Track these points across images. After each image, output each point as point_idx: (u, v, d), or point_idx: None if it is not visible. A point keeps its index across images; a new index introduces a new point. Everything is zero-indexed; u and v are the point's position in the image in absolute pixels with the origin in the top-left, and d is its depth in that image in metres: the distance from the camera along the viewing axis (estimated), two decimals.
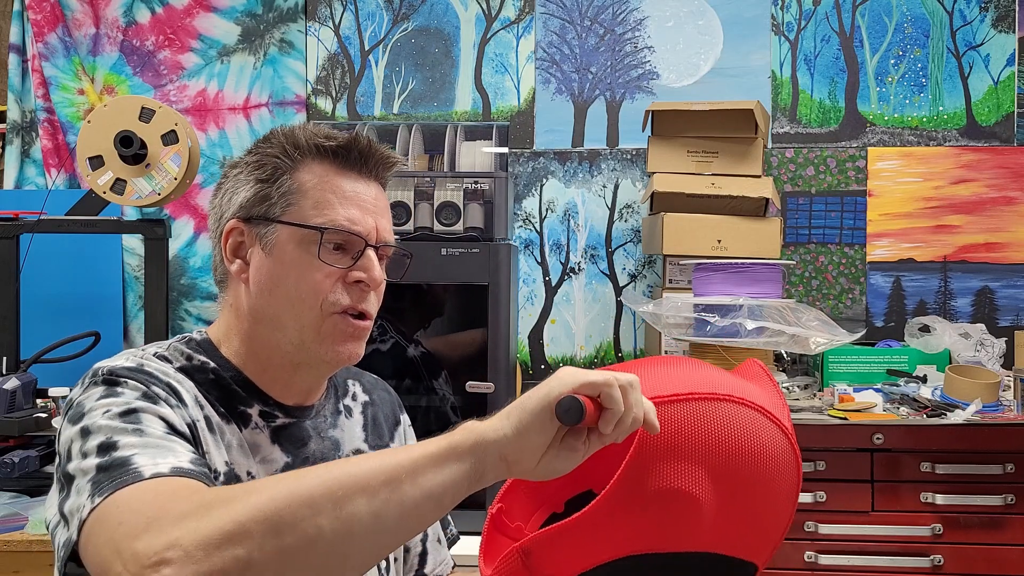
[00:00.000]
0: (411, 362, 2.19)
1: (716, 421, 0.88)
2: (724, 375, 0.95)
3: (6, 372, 2.29)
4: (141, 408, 0.94)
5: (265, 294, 1.07)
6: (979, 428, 2.13)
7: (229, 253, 1.09)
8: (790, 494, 0.93)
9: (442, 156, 2.35)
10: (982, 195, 2.76)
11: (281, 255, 1.06)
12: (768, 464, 0.90)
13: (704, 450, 0.87)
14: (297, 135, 1.09)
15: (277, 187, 1.07)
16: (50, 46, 2.88)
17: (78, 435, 0.92)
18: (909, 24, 2.80)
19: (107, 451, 0.88)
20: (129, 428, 0.90)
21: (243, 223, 1.08)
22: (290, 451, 1.11)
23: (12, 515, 1.95)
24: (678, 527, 0.87)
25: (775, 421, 0.91)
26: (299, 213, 1.06)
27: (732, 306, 2.18)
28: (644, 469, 0.86)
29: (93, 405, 0.94)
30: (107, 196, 2.28)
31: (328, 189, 1.07)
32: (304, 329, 1.06)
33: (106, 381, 0.97)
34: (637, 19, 2.86)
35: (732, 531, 0.90)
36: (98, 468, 0.87)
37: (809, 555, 2.13)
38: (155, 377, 0.99)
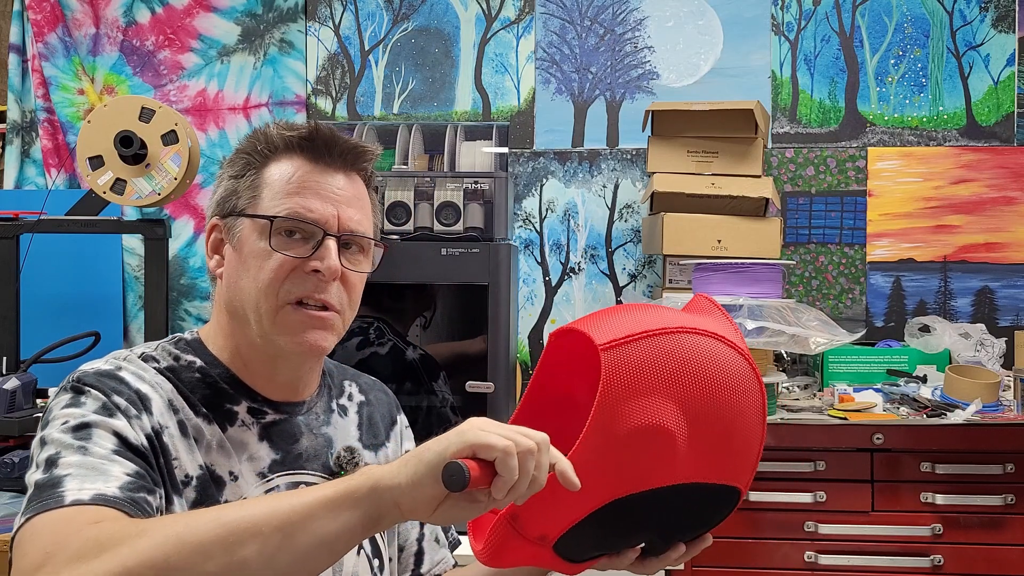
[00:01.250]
0: (410, 363, 2.19)
1: (673, 353, 0.89)
2: (674, 311, 0.96)
3: (6, 372, 2.29)
4: (95, 423, 0.95)
5: (232, 287, 1.09)
6: (979, 428, 2.13)
7: (210, 250, 1.11)
8: (757, 413, 0.94)
9: (442, 156, 2.35)
10: (982, 195, 2.76)
11: (242, 247, 1.08)
12: (731, 386, 0.91)
13: (667, 382, 0.88)
14: (269, 131, 1.10)
15: (243, 181, 1.09)
16: (50, 46, 2.88)
17: (38, 444, 0.95)
18: (909, 24, 2.80)
19: (49, 467, 0.91)
20: (75, 445, 0.92)
21: (220, 220, 1.11)
22: (280, 448, 1.11)
23: (12, 515, 1.95)
24: (655, 462, 0.88)
25: (730, 345, 0.93)
26: (260, 205, 1.07)
27: (732, 306, 2.18)
28: (612, 412, 0.86)
29: (56, 414, 0.97)
30: (107, 196, 2.28)
31: (291, 180, 1.07)
32: (263, 320, 1.06)
33: (73, 388, 0.99)
34: (637, 19, 2.86)
35: (708, 458, 0.91)
36: (36, 485, 0.90)
37: (809, 555, 2.13)
38: (124, 383, 1.00)
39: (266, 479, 1.08)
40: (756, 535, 2.13)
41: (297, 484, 1.10)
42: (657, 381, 0.88)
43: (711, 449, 0.90)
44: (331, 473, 1.14)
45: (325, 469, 1.14)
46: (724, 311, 0.99)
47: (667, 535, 0.96)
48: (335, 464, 1.15)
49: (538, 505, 0.87)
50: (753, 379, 0.94)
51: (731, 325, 0.97)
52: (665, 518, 0.93)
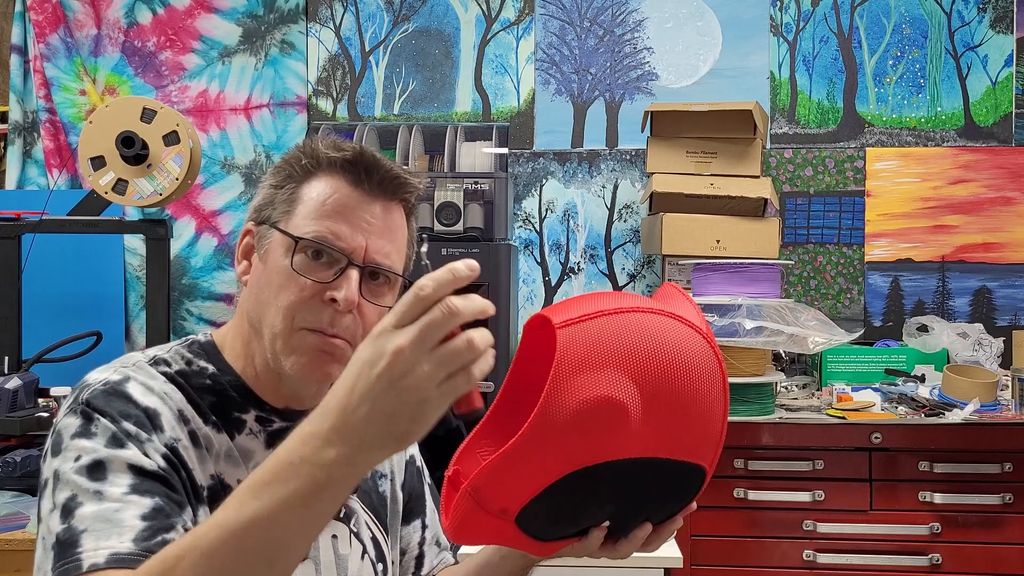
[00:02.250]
0: None
1: (626, 329, 0.91)
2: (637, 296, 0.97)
3: (8, 372, 2.30)
4: (108, 459, 0.94)
5: (253, 297, 1.06)
6: (977, 427, 2.14)
7: (240, 254, 1.09)
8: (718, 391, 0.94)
9: (442, 157, 2.36)
10: (980, 195, 2.77)
11: (267, 259, 1.05)
12: (688, 363, 0.92)
13: (618, 356, 0.89)
14: (316, 146, 1.06)
15: (281, 193, 1.06)
16: (52, 47, 2.89)
17: (52, 477, 0.95)
18: (907, 25, 2.81)
19: (67, 516, 0.91)
20: (91, 490, 0.92)
21: (254, 226, 1.08)
22: None
23: (14, 514, 1.96)
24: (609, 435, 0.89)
25: (688, 323, 0.94)
26: (292, 221, 1.04)
27: (731, 306, 2.18)
28: (564, 386, 0.88)
29: (68, 444, 0.96)
30: (109, 196, 2.29)
31: (327, 202, 1.03)
32: (275, 338, 1.03)
33: (83, 414, 0.98)
34: (636, 20, 2.87)
35: (665, 433, 0.91)
36: (58, 538, 0.90)
37: (808, 554, 2.14)
38: (131, 401, 1.00)
39: None
40: (755, 534, 2.14)
41: None
42: (610, 355, 0.89)
43: (668, 424, 0.91)
44: None
45: None
46: (689, 298, 1.01)
47: (630, 512, 0.97)
48: None
49: (497, 478, 0.89)
50: (712, 357, 0.94)
51: (693, 308, 0.98)
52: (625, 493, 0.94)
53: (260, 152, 2.91)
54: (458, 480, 0.99)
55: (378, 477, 1.21)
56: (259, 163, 2.91)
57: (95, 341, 2.36)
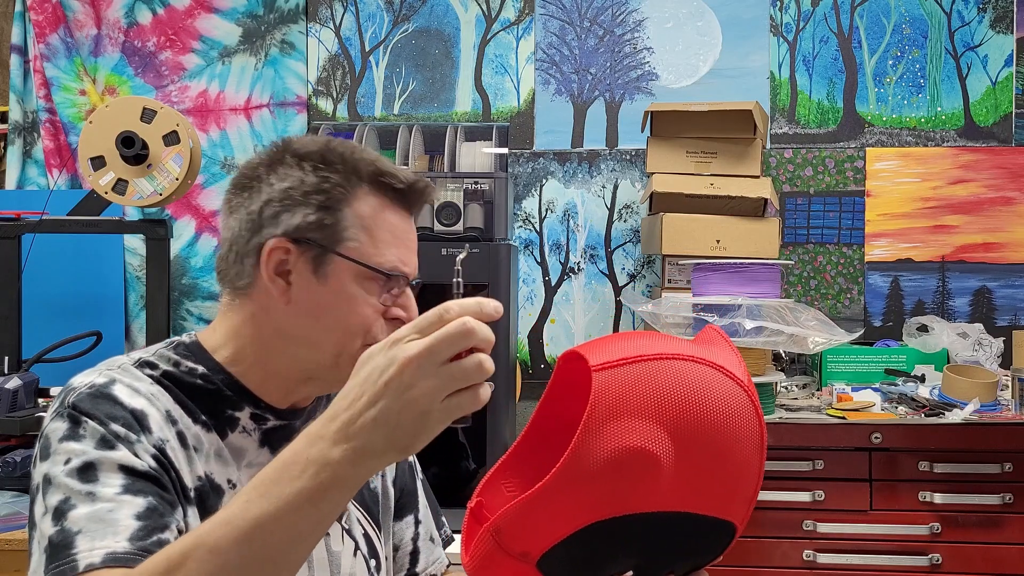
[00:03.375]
0: None
1: (667, 377, 0.88)
2: (677, 340, 0.94)
3: (8, 372, 2.30)
4: (98, 461, 0.95)
5: (309, 318, 1.06)
6: (977, 427, 2.14)
7: (270, 270, 1.06)
8: (755, 446, 0.91)
9: (442, 157, 2.36)
10: (980, 195, 2.77)
11: (337, 287, 1.05)
12: (724, 415, 0.89)
13: (656, 405, 0.87)
14: (359, 164, 1.07)
15: (339, 219, 1.05)
16: (52, 47, 2.89)
17: (43, 481, 0.96)
18: (907, 25, 2.81)
19: (59, 519, 0.92)
20: (83, 492, 0.93)
21: (292, 244, 1.05)
22: None
23: (14, 514, 1.96)
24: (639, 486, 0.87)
25: (730, 375, 0.91)
26: (360, 250, 1.05)
27: (731, 306, 2.18)
28: (597, 432, 0.85)
29: (56, 448, 0.97)
30: (109, 196, 2.29)
31: (384, 227, 1.07)
32: (342, 356, 1.05)
33: (70, 417, 0.98)
34: (636, 20, 2.87)
35: (696, 487, 0.89)
36: (50, 541, 0.91)
37: (808, 554, 2.14)
38: (118, 403, 1.00)
39: None
40: (755, 534, 2.14)
41: None
42: (645, 404, 0.86)
43: (700, 479, 0.88)
44: None
45: None
46: (731, 343, 0.97)
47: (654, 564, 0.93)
48: None
49: (521, 520, 0.87)
50: (751, 412, 0.91)
51: (736, 357, 0.94)
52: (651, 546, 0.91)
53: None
54: (480, 513, 0.98)
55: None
56: None
57: (95, 341, 2.36)
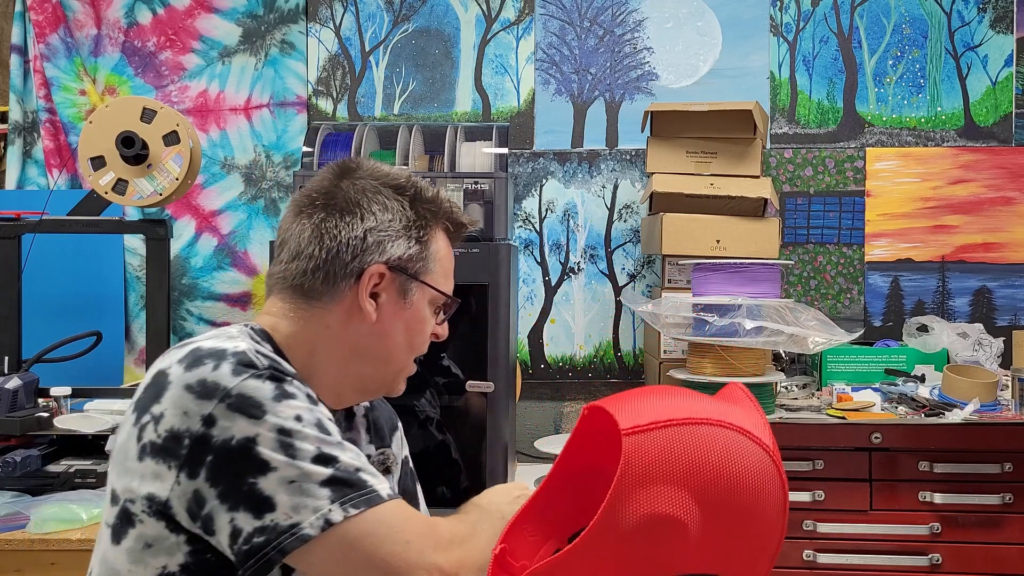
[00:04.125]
0: None
1: (695, 444, 0.90)
2: (705, 400, 0.97)
3: (8, 371, 2.30)
4: (321, 416, 1.04)
5: (388, 337, 1.19)
6: (977, 427, 2.14)
7: (368, 292, 1.17)
8: (778, 511, 0.94)
9: (442, 157, 2.36)
10: (980, 195, 2.77)
11: (417, 310, 1.20)
12: (751, 481, 0.91)
13: (685, 472, 0.89)
14: (441, 205, 1.23)
15: (429, 251, 1.21)
16: (52, 47, 2.89)
17: (273, 432, 0.99)
18: (907, 25, 2.81)
19: (329, 463, 1.00)
20: (333, 442, 1.02)
21: (388, 271, 1.17)
22: None
23: (14, 514, 1.95)
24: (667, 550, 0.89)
25: (755, 440, 0.93)
26: (435, 279, 1.22)
27: (731, 306, 2.18)
28: (627, 497, 0.88)
29: (275, 405, 1.01)
30: (109, 196, 2.29)
31: (448, 260, 1.24)
32: (400, 371, 1.22)
33: (273, 378, 1.03)
34: (636, 20, 2.87)
35: (722, 550, 0.91)
36: (333, 478, 0.99)
37: (808, 554, 2.14)
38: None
39: None
40: None
41: None
42: (674, 471, 0.89)
43: (725, 543, 0.91)
44: None
45: None
46: (755, 401, 1.00)
47: None
48: (380, 463, 1.29)
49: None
50: (775, 477, 0.94)
51: (760, 418, 0.97)
52: None
53: (260, 152, 2.92)
54: (504, 560, 1.01)
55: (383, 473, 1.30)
56: (259, 163, 2.91)
57: (95, 341, 2.36)
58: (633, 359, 2.86)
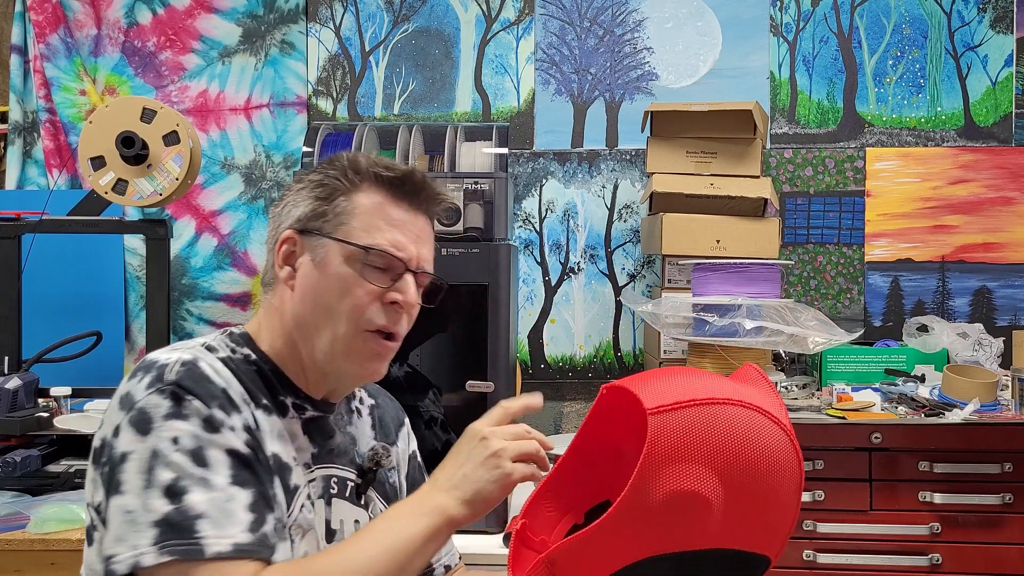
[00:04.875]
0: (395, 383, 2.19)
1: (718, 423, 0.93)
2: (722, 381, 0.99)
3: (8, 371, 2.30)
4: (207, 444, 1.01)
5: (308, 302, 1.14)
6: (977, 427, 2.14)
7: (281, 260, 1.16)
8: (794, 488, 0.98)
9: (442, 157, 2.36)
10: (980, 195, 2.77)
11: (327, 268, 1.14)
12: (771, 460, 0.95)
13: (709, 451, 0.92)
14: (359, 161, 1.17)
15: (333, 206, 1.15)
16: (52, 47, 2.89)
17: (146, 453, 0.99)
18: (907, 25, 2.81)
19: (175, 497, 0.97)
20: (197, 475, 0.99)
21: (298, 234, 1.16)
22: (318, 443, 1.19)
23: (14, 514, 1.96)
24: (691, 526, 0.92)
25: (775, 420, 0.97)
26: (349, 232, 1.14)
27: (731, 306, 2.18)
28: (654, 475, 0.91)
29: (161, 424, 1.01)
30: (109, 196, 2.29)
31: (379, 215, 1.15)
32: (336, 341, 1.13)
33: (173, 395, 1.02)
34: (636, 20, 2.87)
35: (742, 526, 0.94)
36: (166, 518, 0.96)
37: (808, 554, 2.14)
38: (211, 382, 1.06)
39: (309, 470, 1.17)
40: None
41: (330, 477, 1.19)
42: (699, 449, 0.92)
43: (746, 518, 0.94)
44: (359, 468, 1.24)
45: (353, 464, 1.23)
46: (770, 382, 1.03)
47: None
48: (370, 459, 1.24)
49: (577, 555, 0.93)
50: (793, 455, 0.98)
51: (776, 399, 1.01)
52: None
53: (260, 152, 2.92)
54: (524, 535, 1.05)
55: (388, 470, 1.29)
56: (259, 163, 2.91)
57: (95, 341, 2.36)
58: (633, 359, 2.85)
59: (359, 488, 1.22)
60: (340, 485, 1.20)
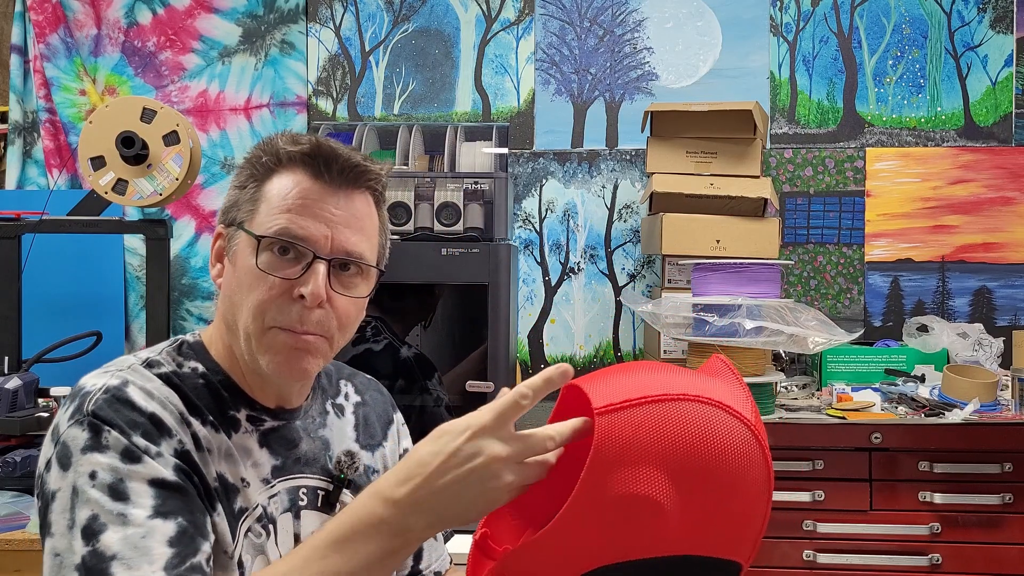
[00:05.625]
0: (404, 362, 2.19)
1: (671, 421, 0.87)
2: (682, 375, 0.93)
3: (8, 372, 2.30)
4: (126, 476, 0.94)
5: (227, 299, 1.07)
6: (977, 427, 2.14)
7: (213, 257, 1.10)
8: (761, 487, 0.90)
9: (442, 157, 2.36)
10: (980, 195, 2.77)
11: (236, 261, 1.05)
12: (729, 458, 0.88)
13: (659, 451, 0.86)
14: (274, 142, 1.06)
15: (244, 193, 1.06)
16: (52, 47, 2.89)
17: (68, 491, 0.94)
18: (907, 25, 2.81)
19: (91, 539, 0.91)
20: (115, 512, 0.92)
21: (224, 229, 1.08)
22: (280, 453, 1.11)
23: (14, 514, 1.96)
24: (643, 532, 0.86)
25: (735, 414, 0.89)
26: (255, 220, 1.04)
27: (731, 306, 2.18)
28: (602, 478, 0.85)
29: (79, 458, 0.95)
30: (109, 196, 2.29)
31: (288, 197, 1.03)
32: (249, 338, 1.04)
33: (91, 425, 0.96)
34: (636, 20, 2.87)
35: (704, 531, 0.88)
36: (83, 562, 0.90)
37: (807, 554, 2.14)
38: (136, 408, 0.98)
39: (269, 484, 1.09)
40: None
41: (298, 488, 1.11)
42: (648, 450, 0.85)
43: (706, 522, 0.88)
44: (330, 475, 1.15)
45: (324, 472, 1.15)
46: (737, 374, 0.95)
47: None
48: (335, 468, 1.15)
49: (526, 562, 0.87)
50: (757, 451, 0.89)
51: (743, 392, 0.93)
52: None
53: None
54: (485, 544, 0.97)
55: (371, 472, 1.21)
56: None
57: (95, 341, 2.36)
58: (633, 359, 2.85)
59: (329, 496, 1.13)
60: (310, 495, 1.12)
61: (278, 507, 1.08)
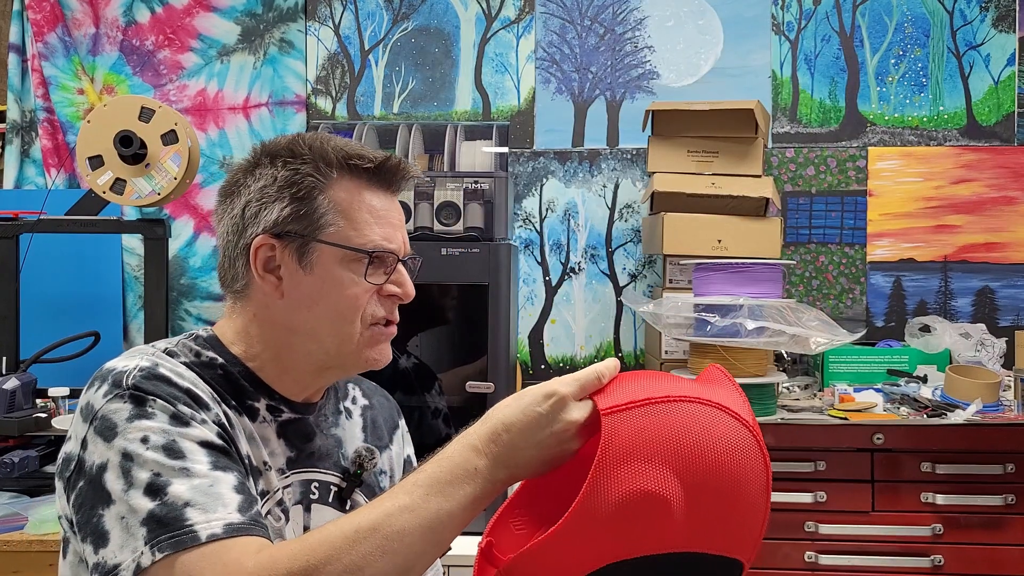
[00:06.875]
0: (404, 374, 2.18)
1: (674, 421, 0.91)
2: (683, 381, 0.97)
3: (6, 372, 2.29)
4: (178, 437, 0.97)
5: (303, 309, 1.11)
6: (979, 428, 2.13)
7: (260, 268, 1.11)
8: (761, 486, 0.94)
9: (442, 156, 2.35)
10: (982, 195, 2.76)
11: (323, 273, 1.10)
12: (731, 457, 0.91)
13: (664, 449, 0.89)
14: (327, 151, 1.11)
15: (315, 207, 1.10)
16: (50, 46, 2.88)
17: (119, 458, 0.96)
18: (909, 24, 2.80)
19: (158, 494, 0.94)
20: (176, 467, 0.95)
21: (275, 239, 1.10)
22: (295, 446, 1.15)
23: (12, 515, 1.95)
24: (650, 529, 0.89)
25: (734, 415, 0.93)
26: (340, 234, 1.10)
27: (732, 306, 2.17)
28: (608, 476, 0.88)
29: (126, 427, 0.97)
30: (107, 196, 2.28)
31: (363, 208, 1.12)
32: (344, 341, 1.12)
33: (133, 397, 0.99)
34: (637, 19, 2.86)
35: (706, 528, 0.91)
36: (151, 515, 0.93)
37: (809, 555, 2.13)
38: (175, 385, 1.02)
39: (284, 475, 1.13)
40: None
41: (310, 482, 1.15)
42: (654, 448, 0.89)
43: (709, 519, 0.91)
44: (345, 471, 1.19)
45: (338, 468, 1.19)
46: (734, 381, 1.00)
47: None
48: (354, 462, 1.20)
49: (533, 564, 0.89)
50: (756, 451, 0.94)
51: (740, 397, 0.97)
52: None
53: None
54: (491, 553, 0.99)
55: (378, 473, 1.25)
56: None
57: (93, 341, 2.35)
58: (634, 359, 2.85)
59: (342, 492, 1.18)
60: (322, 489, 1.16)
61: (290, 498, 1.13)
